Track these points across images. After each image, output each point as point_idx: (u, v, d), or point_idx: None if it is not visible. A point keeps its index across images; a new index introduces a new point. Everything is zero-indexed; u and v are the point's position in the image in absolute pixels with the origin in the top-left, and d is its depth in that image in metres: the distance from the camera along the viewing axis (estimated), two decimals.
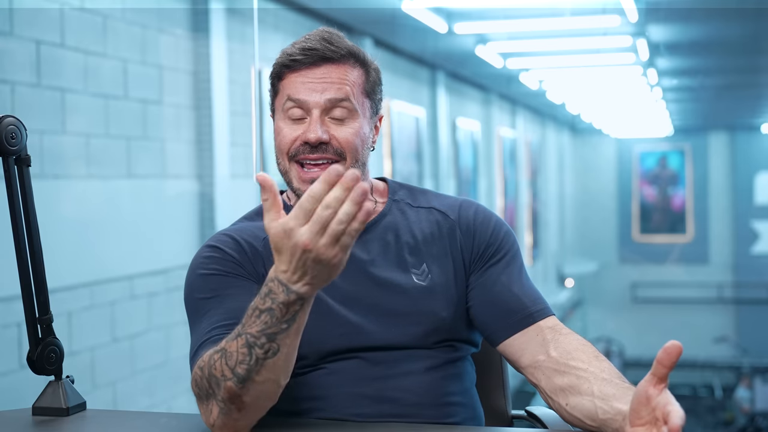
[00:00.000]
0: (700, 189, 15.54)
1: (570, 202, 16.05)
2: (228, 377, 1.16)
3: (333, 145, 1.38)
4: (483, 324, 1.42)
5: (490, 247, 1.45)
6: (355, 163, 1.40)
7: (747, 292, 14.82)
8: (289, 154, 1.40)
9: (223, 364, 1.16)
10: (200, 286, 1.36)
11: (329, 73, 1.39)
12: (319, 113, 1.37)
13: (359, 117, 1.40)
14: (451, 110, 8.89)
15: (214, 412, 1.20)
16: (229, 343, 1.16)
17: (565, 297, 13.42)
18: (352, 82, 1.40)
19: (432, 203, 1.49)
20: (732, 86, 10.91)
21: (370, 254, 1.42)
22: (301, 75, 1.39)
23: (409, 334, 1.37)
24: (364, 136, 1.41)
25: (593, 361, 1.29)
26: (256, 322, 1.13)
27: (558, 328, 1.37)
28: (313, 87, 1.38)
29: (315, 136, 1.36)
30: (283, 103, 1.40)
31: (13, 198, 1.39)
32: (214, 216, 4.40)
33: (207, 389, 1.20)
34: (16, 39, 3.25)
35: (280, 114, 1.42)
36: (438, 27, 6.12)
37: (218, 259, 1.38)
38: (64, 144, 3.52)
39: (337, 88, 1.38)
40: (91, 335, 3.66)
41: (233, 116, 4.67)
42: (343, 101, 1.38)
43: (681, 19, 6.72)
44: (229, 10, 4.62)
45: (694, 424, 12.35)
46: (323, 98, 1.37)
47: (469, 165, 9.48)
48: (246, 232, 1.42)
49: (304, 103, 1.38)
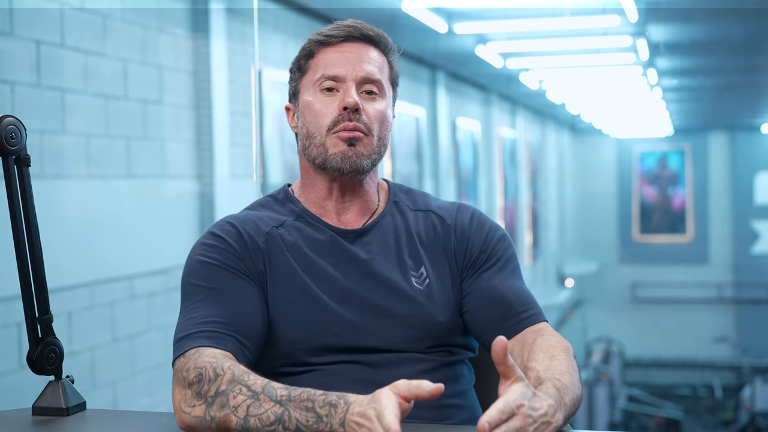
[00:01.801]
0: (700, 189, 15.53)
1: (570, 202, 16.04)
2: (239, 416, 1.16)
3: (364, 116, 1.40)
4: (477, 330, 1.42)
5: (483, 253, 1.45)
6: (378, 141, 1.42)
7: (747, 292, 14.82)
8: (328, 126, 1.40)
9: (245, 402, 1.17)
10: (198, 273, 1.38)
11: (365, 51, 1.43)
12: (353, 84, 1.40)
13: (386, 98, 1.44)
14: (451, 110, 8.89)
15: (196, 411, 1.20)
16: (266, 397, 1.16)
17: (565, 297, 13.41)
18: (382, 66, 1.44)
19: (430, 206, 1.50)
20: (732, 86, 10.90)
21: (369, 254, 1.42)
22: (338, 48, 1.43)
23: (405, 337, 1.38)
24: (388, 120, 1.44)
25: (546, 361, 1.27)
26: (301, 410, 1.13)
27: (543, 331, 1.36)
28: (348, 59, 1.41)
29: (353, 100, 1.38)
30: (316, 79, 1.42)
31: (13, 198, 1.39)
32: (214, 216, 4.40)
33: (206, 391, 1.20)
34: (16, 39, 3.25)
35: (310, 90, 1.43)
36: (438, 27, 6.12)
37: (220, 250, 1.39)
38: (64, 144, 3.52)
39: (371, 67, 1.42)
40: (91, 335, 3.66)
41: (233, 116, 4.67)
42: (374, 79, 1.42)
43: (681, 19, 6.72)
44: (229, 10, 4.62)
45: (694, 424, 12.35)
46: (362, 70, 1.41)
47: (469, 165, 9.48)
48: (249, 225, 1.42)
49: (341, 77, 1.41)
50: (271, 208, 1.48)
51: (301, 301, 1.37)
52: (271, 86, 5.05)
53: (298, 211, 1.46)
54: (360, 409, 1.08)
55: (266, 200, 1.50)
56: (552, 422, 1.09)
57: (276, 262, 1.39)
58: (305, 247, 1.41)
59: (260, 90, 4.93)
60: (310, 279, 1.38)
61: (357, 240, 1.43)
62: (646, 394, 12.36)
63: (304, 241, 1.42)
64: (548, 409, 1.10)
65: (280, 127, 5.19)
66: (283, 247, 1.41)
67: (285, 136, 5.23)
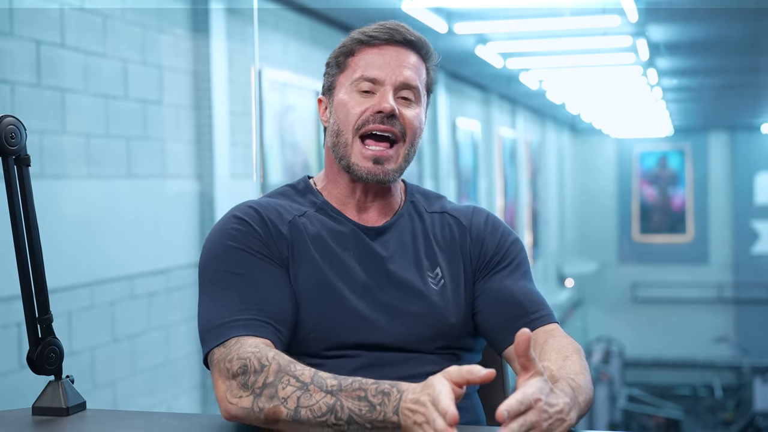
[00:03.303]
0: (700, 189, 15.53)
1: (570, 202, 16.04)
2: (289, 407, 1.16)
3: (400, 121, 1.40)
4: (487, 331, 1.43)
5: (496, 255, 1.46)
6: (410, 148, 1.43)
7: (747, 292, 14.81)
8: (356, 125, 1.41)
9: (295, 393, 1.17)
10: (226, 258, 1.36)
11: (405, 56, 1.43)
12: (391, 89, 1.40)
13: (421, 104, 1.44)
14: (451, 110, 8.88)
15: (243, 402, 1.20)
16: (316, 387, 1.16)
17: (565, 297, 13.41)
18: (419, 72, 1.44)
19: (446, 208, 1.52)
20: (732, 86, 10.90)
21: (388, 252, 1.43)
22: (379, 51, 1.42)
23: (417, 336, 1.39)
24: (421, 126, 1.45)
25: (559, 361, 1.29)
26: (353, 399, 1.13)
27: (554, 332, 1.38)
28: (389, 62, 1.41)
29: (390, 106, 1.39)
30: (355, 78, 1.42)
31: (13, 198, 1.39)
32: (214, 216, 4.39)
33: (253, 383, 1.20)
34: (16, 39, 3.25)
35: (346, 89, 1.43)
36: (438, 27, 6.12)
37: (246, 234, 1.38)
38: (64, 144, 3.52)
39: (410, 72, 1.42)
40: (91, 335, 3.66)
41: (233, 116, 4.67)
42: (412, 86, 1.42)
43: (681, 19, 6.72)
44: (229, 10, 4.62)
45: (694, 424, 12.34)
46: (402, 75, 1.41)
47: (469, 165, 9.48)
48: (272, 211, 1.42)
49: (378, 79, 1.41)
50: (291, 197, 1.48)
51: (320, 291, 1.38)
52: (271, 86, 5.05)
53: (319, 203, 1.46)
54: (413, 396, 1.09)
55: (286, 189, 1.50)
56: (566, 420, 1.10)
57: (299, 251, 1.40)
58: (327, 238, 1.42)
59: (260, 90, 4.94)
60: (331, 270, 1.39)
61: (377, 237, 1.44)
62: (646, 394, 12.36)
63: (326, 232, 1.42)
64: (564, 406, 1.10)
65: (280, 127, 5.19)
66: (306, 236, 1.41)
67: (285, 136, 5.23)
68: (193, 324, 4.33)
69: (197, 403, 4.42)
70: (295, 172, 5.28)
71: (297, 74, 5.36)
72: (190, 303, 4.29)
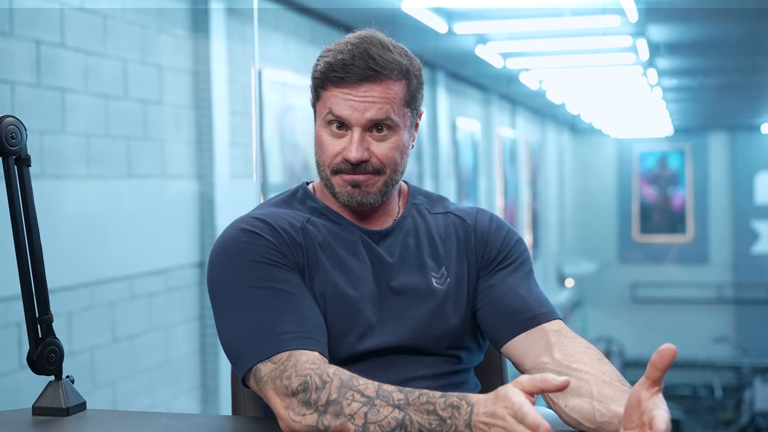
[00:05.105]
0: (700, 189, 15.52)
1: (570, 202, 16.04)
2: (357, 424, 1.15)
3: (372, 162, 1.38)
4: (488, 326, 1.43)
5: (500, 254, 1.46)
6: (394, 174, 1.41)
7: (747, 292, 14.81)
8: (331, 167, 1.39)
9: (362, 409, 1.15)
10: (247, 273, 1.33)
11: (371, 91, 1.37)
12: (360, 131, 1.37)
13: (400, 130, 1.40)
14: (451, 110, 8.89)
15: (307, 420, 1.19)
16: (383, 402, 1.14)
17: (565, 297, 13.42)
18: (392, 98, 1.38)
19: (449, 209, 1.52)
20: (732, 86, 10.90)
21: (393, 256, 1.43)
22: (343, 92, 1.37)
23: (423, 338, 1.39)
24: (404, 146, 1.42)
25: (595, 364, 1.29)
26: (422, 413, 1.12)
27: (563, 331, 1.37)
28: (354, 105, 1.36)
29: (355, 156, 1.36)
30: (325, 113, 1.39)
31: (13, 198, 1.39)
32: (214, 216, 4.40)
33: (316, 400, 1.18)
34: (16, 39, 3.25)
35: (321, 121, 1.41)
36: (438, 27, 6.12)
37: (261, 246, 1.35)
38: (64, 144, 3.52)
39: (378, 108, 1.37)
40: (91, 335, 3.66)
41: (233, 116, 4.67)
42: (384, 120, 1.38)
43: (681, 19, 6.72)
44: (229, 10, 4.62)
45: (694, 424, 12.34)
46: (364, 118, 1.36)
47: (469, 165, 9.48)
48: (280, 220, 1.40)
49: (346, 120, 1.37)
50: (291, 205, 1.46)
51: (332, 299, 1.37)
52: (271, 86, 5.05)
53: (320, 209, 1.45)
54: (486, 409, 1.07)
55: (285, 197, 1.48)
56: None
57: (312, 258, 1.38)
58: (335, 244, 1.41)
59: (260, 90, 4.93)
60: (340, 277, 1.38)
61: (381, 241, 1.44)
62: None
63: (333, 238, 1.41)
64: None
65: (280, 127, 5.19)
66: (316, 243, 1.40)
67: (285, 136, 5.23)
68: (193, 324, 4.33)
69: (197, 403, 4.42)
70: (295, 172, 5.28)
71: (297, 74, 5.36)
72: (191, 303, 4.29)
